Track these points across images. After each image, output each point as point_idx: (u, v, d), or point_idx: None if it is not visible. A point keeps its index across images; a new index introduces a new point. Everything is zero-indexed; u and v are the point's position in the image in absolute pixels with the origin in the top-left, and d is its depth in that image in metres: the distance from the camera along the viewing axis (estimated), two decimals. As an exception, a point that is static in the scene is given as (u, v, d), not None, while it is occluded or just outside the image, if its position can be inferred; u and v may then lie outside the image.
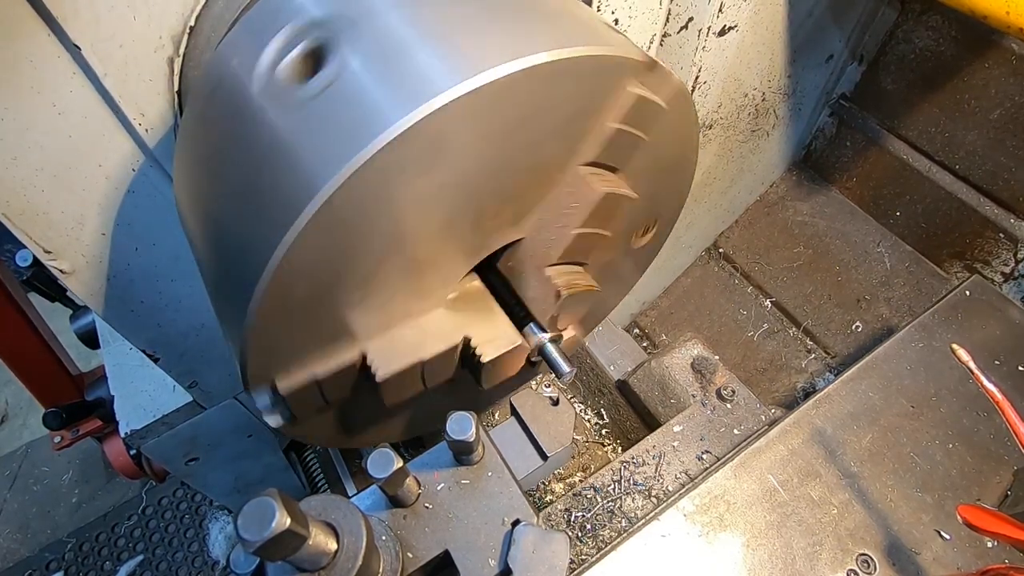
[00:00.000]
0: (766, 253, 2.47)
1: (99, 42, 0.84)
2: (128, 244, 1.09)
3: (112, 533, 3.07)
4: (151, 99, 0.94)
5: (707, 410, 1.52)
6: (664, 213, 1.04)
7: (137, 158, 1.00)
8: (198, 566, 2.96)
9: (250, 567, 0.77)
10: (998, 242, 1.99)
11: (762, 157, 2.33)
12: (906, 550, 1.23)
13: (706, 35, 1.56)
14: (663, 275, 2.55)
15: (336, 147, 0.61)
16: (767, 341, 2.35)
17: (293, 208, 0.61)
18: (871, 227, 2.33)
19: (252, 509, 0.59)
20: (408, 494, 0.91)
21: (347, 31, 0.68)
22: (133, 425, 1.48)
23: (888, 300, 2.21)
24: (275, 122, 0.68)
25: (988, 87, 1.88)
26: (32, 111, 0.86)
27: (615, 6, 1.34)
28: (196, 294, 1.25)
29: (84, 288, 1.11)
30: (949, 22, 1.91)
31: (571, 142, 0.77)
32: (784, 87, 2.06)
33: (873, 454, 1.36)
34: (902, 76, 2.10)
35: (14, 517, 3.19)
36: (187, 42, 0.91)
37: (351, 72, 0.65)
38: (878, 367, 1.50)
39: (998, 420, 1.01)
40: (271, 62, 0.71)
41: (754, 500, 1.30)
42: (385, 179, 0.62)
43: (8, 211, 0.93)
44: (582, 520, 1.38)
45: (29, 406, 3.67)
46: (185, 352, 1.35)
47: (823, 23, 1.93)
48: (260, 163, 0.68)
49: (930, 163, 2.10)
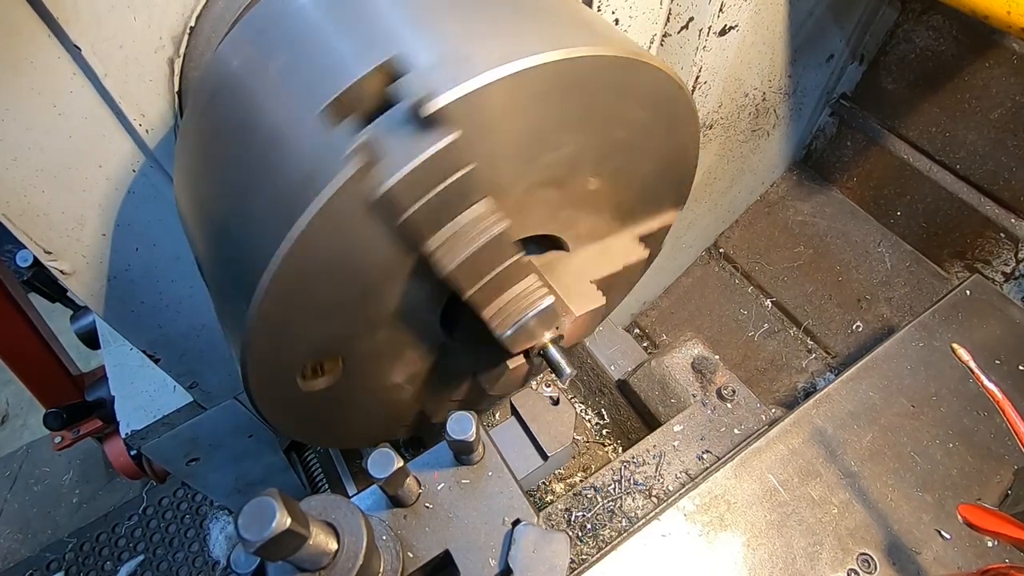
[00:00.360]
0: (766, 253, 2.46)
1: (99, 43, 0.84)
2: (128, 245, 1.09)
3: (113, 533, 3.07)
4: (151, 100, 0.94)
5: (707, 410, 1.52)
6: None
7: (137, 159, 1.00)
8: (199, 566, 2.96)
9: (251, 567, 0.77)
10: (999, 242, 1.99)
11: (762, 157, 2.33)
12: (906, 549, 1.23)
13: (707, 35, 1.56)
14: (663, 275, 2.55)
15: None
16: (767, 341, 2.35)
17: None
18: (872, 227, 2.33)
19: (253, 509, 0.59)
20: (408, 494, 0.90)
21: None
22: (134, 426, 1.48)
23: (889, 300, 2.21)
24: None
25: (989, 87, 1.88)
26: (32, 112, 0.86)
27: (615, 6, 1.33)
28: (196, 295, 1.25)
29: (84, 289, 1.11)
30: (950, 22, 1.91)
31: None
32: (785, 87, 2.06)
33: (873, 453, 1.36)
34: (903, 76, 2.09)
35: (15, 517, 3.19)
36: (187, 42, 0.91)
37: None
38: (878, 367, 1.50)
39: (998, 420, 1.01)
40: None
41: (754, 500, 1.29)
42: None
43: (8, 212, 0.93)
44: (582, 520, 1.38)
45: (30, 406, 3.67)
46: (185, 353, 1.35)
47: (824, 23, 1.92)
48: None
49: (931, 163, 2.10)
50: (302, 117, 0.67)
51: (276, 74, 0.72)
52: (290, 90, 0.70)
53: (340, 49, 0.69)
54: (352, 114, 0.63)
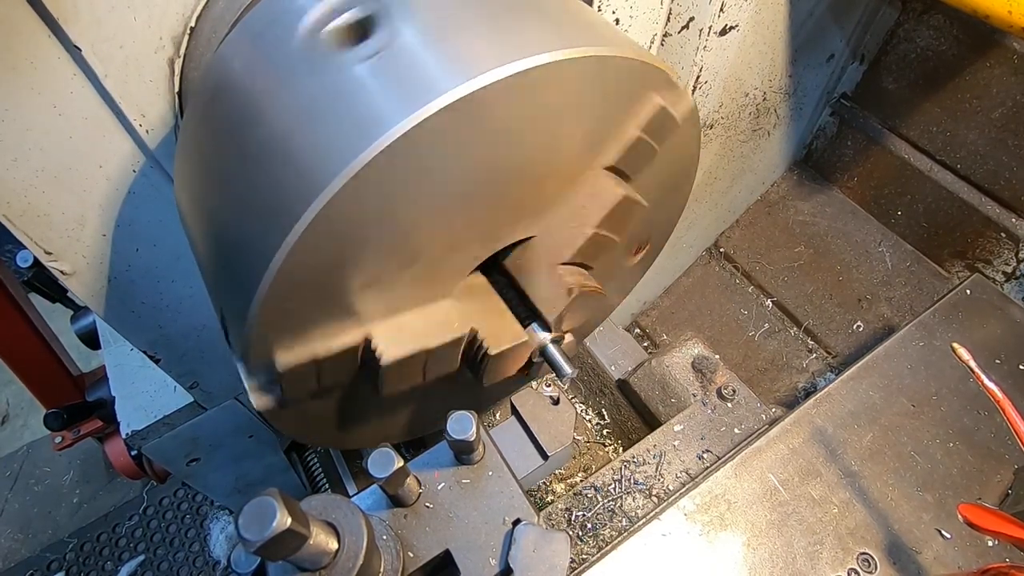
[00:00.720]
0: (767, 253, 2.46)
1: (99, 43, 0.84)
2: (129, 245, 1.09)
3: (113, 533, 3.07)
4: (152, 100, 0.93)
5: (708, 409, 1.52)
6: (657, 233, 1.07)
7: (138, 159, 0.99)
8: (199, 566, 2.96)
9: (251, 567, 0.77)
10: (1000, 242, 1.99)
11: (763, 157, 2.32)
12: (907, 549, 1.23)
13: (707, 35, 1.56)
14: (664, 275, 2.55)
15: (387, 107, 0.61)
16: (768, 341, 2.35)
17: (336, 162, 0.60)
18: (872, 227, 2.32)
19: (253, 509, 0.59)
20: (409, 494, 0.90)
21: (397, 5, 0.69)
22: (134, 426, 1.48)
23: (889, 300, 2.21)
24: (317, 82, 0.68)
25: (990, 86, 1.87)
26: (32, 112, 0.86)
27: (616, 5, 1.33)
28: (197, 295, 1.25)
29: (85, 289, 1.11)
30: (950, 21, 1.91)
31: (596, 140, 0.79)
32: (785, 86, 2.06)
33: (874, 453, 1.36)
34: (903, 75, 2.09)
35: (15, 517, 3.19)
36: (188, 43, 0.91)
37: (403, 42, 0.66)
38: (878, 366, 1.50)
39: (998, 419, 1.01)
40: (315, 24, 0.71)
41: (755, 499, 1.29)
42: (433, 142, 0.63)
43: (8, 212, 0.93)
44: (583, 519, 1.38)
45: (30, 406, 3.67)
46: (186, 353, 1.35)
47: (824, 23, 1.92)
48: (291, 128, 0.67)
49: (931, 162, 2.09)
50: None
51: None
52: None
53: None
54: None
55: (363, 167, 0.59)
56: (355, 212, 0.63)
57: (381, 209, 0.66)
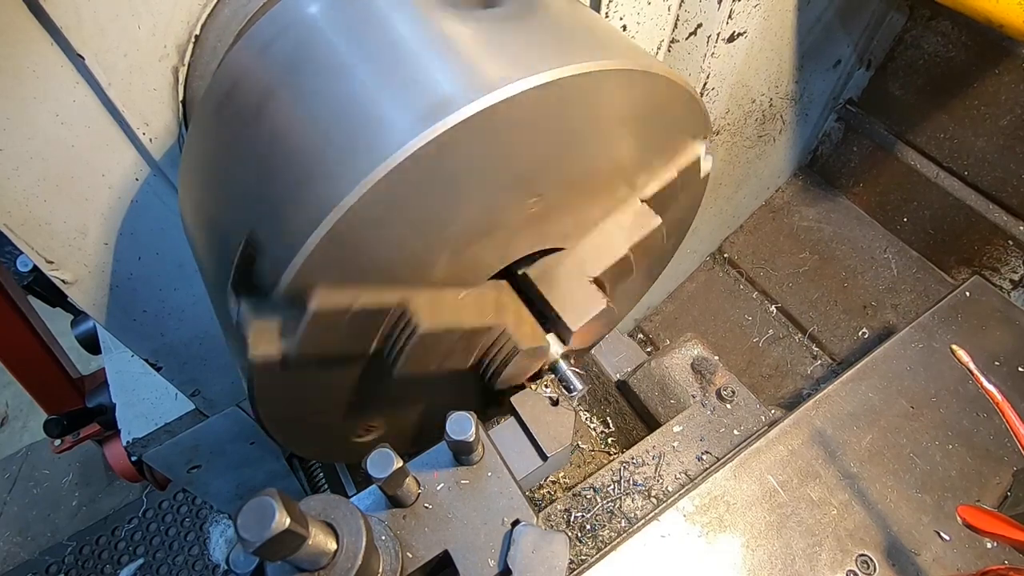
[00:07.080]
0: (772, 258, 2.45)
1: (103, 52, 0.83)
2: (131, 254, 1.08)
3: (112, 536, 3.06)
4: (156, 109, 0.92)
5: (707, 410, 1.51)
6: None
7: (141, 168, 0.98)
8: (199, 569, 2.95)
9: (250, 567, 0.76)
10: (1007, 249, 1.98)
11: (768, 162, 2.31)
12: (906, 551, 1.23)
13: (715, 41, 1.55)
14: (668, 280, 2.54)
15: (521, 62, 0.65)
16: (772, 347, 2.34)
17: (448, 106, 0.61)
18: (878, 233, 2.31)
19: (252, 509, 0.58)
20: (408, 494, 0.90)
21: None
22: (135, 433, 1.47)
23: (895, 306, 2.20)
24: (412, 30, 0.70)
25: (998, 93, 1.86)
26: (35, 121, 0.85)
27: (624, 12, 1.32)
28: (199, 303, 1.23)
29: (86, 298, 1.10)
30: (959, 28, 1.89)
31: (645, 167, 0.87)
32: (792, 92, 2.05)
33: (873, 455, 1.36)
34: (910, 82, 2.08)
35: (14, 520, 3.18)
36: (192, 52, 0.90)
37: (534, 14, 0.72)
38: (878, 368, 1.50)
39: (998, 421, 1.01)
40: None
41: (754, 501, 1.29)
42: (528, 113, 0.65)
43: (10, 222, 0.92)
44: (582, 520, 1.38)
45: (30, 408, 3.66)
46: (188, 361, 1.34)
47: (832, 28, 1.91)
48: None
49: (938, 169, 2.08)
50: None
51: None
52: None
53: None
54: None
55: (471, 115, 0.61)
56: (443, 168, 0.65)
57: (459, 172, 0.67)
